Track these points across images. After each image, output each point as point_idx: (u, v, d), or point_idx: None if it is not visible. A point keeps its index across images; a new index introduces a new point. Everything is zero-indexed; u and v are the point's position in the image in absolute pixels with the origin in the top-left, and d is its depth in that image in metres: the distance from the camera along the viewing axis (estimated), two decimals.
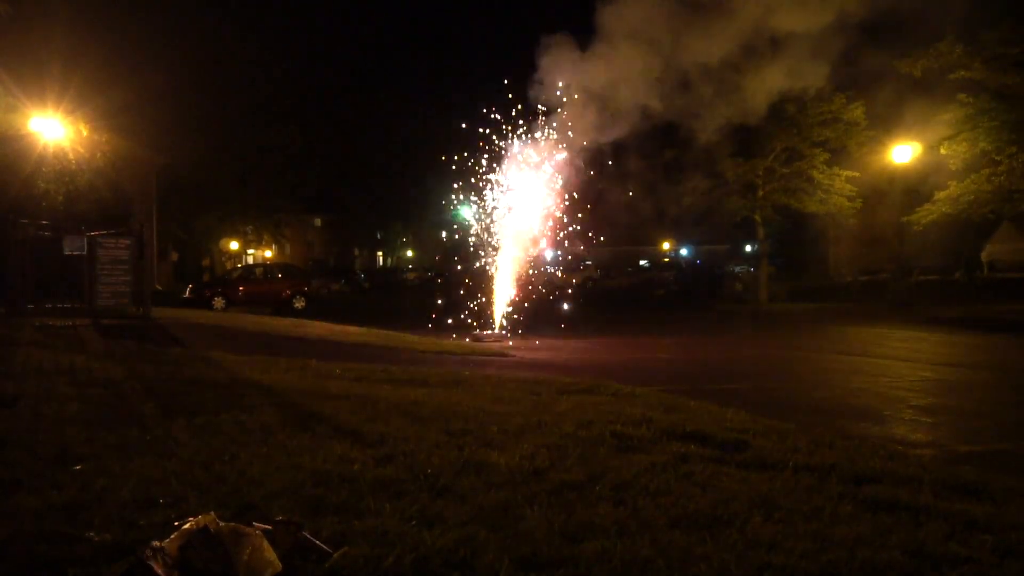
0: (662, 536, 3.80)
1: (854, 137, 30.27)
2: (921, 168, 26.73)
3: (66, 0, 18.96)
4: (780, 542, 3.77)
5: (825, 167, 31.07)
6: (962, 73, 22.47)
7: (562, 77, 16.72)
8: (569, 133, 17.39)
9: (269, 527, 3.38)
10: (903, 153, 27.15)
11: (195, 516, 3.34)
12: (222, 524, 3.25)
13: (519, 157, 17.81)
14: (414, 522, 3.83)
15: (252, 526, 3.34)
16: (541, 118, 17.43)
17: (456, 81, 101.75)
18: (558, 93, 17.05)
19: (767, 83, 19.76)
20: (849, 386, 11.04)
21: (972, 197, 23.49)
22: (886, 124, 27.95)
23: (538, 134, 17.62)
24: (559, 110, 17.27)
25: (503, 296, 18.52)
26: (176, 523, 3.39)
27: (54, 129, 19.55)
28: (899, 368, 12.85)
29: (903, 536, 3.95)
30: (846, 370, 12.91)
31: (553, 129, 17.51)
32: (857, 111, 29.48)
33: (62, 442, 5.12)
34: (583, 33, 17.41)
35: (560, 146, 17.61)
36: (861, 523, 4.12)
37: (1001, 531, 4.09)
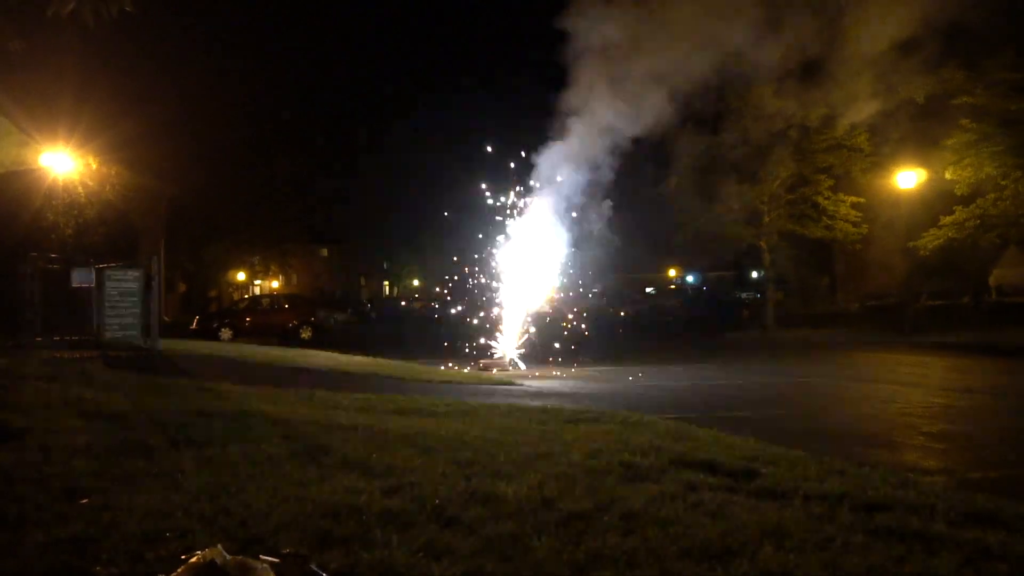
0: (672, 566, 3.77)
1: (858, 163, 30.37)
2: (927, 193, 26.76)
3: (77, 36, 19.25)
4: (791, 572, 3.73)
5: (830, 193, 31.16)
6: (965, 99, 22.58)
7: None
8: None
9: (276, 560, 3.36)
10: (908, 179, 27.19)
11: (202, 549, 3.33)
12: (229, 557, 3.23)
13: (532, 189, 17.96)
14: (422, 554, 3.80)
15: (259, 559, 3.32)
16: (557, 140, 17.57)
17: (466, 111, 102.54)
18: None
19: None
20: (859, 412, 10.97)
21: (978, 222, 23.50)
22: (891, 149, 28.04)
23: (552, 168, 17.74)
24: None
25: (510, 325, 18.52)
26: (183, 556, 3.38)
27: (64, 163, 19.77)
28: (909, 394, 12.77)
29: (916, 565, 3.91)
30: (855, 396, 12.84)
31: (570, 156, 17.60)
32: (860, 137, 29.60)
33: (69, 475, 5.11)
34: None
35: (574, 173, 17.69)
36: (873, 552, 4.08)
37: (1016, 559, 4.05)
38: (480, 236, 18.63)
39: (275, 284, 55.81)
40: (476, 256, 18.82)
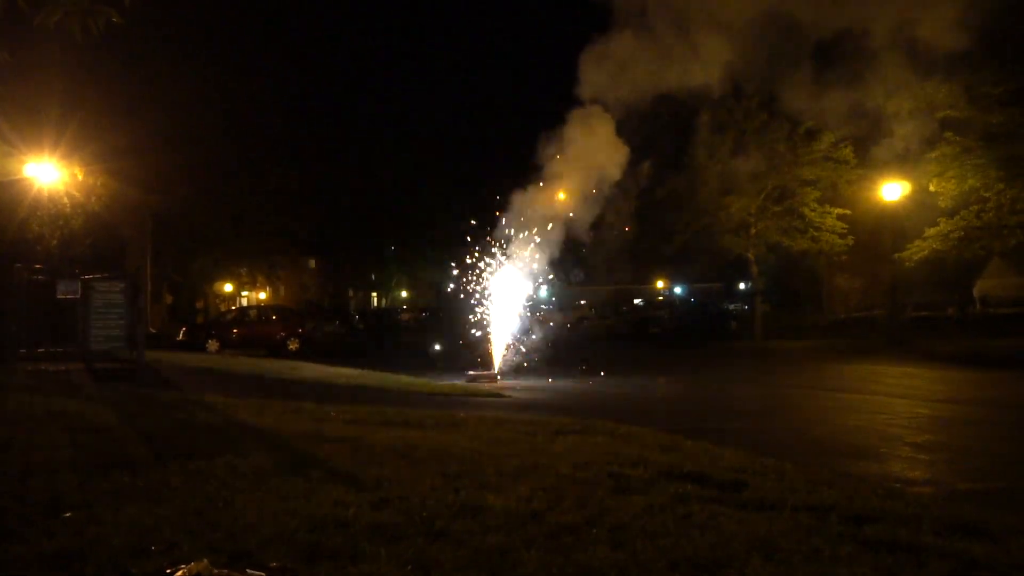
0: None
1: (844, 175, 30.59)
2: (912, 205, 26.98)
3: (63, 46, 19.21)
4: None
5: (816, 205, 31.36)
6: (948, 112, 22.81)
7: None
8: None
9: (263, 574, 3.34)
10: (893, 191, 27.41)
11: (188, 563, 3.31)
12: (216, 571, 3.21)
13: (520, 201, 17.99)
14: (410, 567, 3.78)
15: (246, 573, 3.30)
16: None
17: (456, 120, 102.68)
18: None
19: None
20: (846, 424, 11.01)
21: (962, 233, 23.68)
22: (875, 161, 28.28)
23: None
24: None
25: (499, 337, 18.51)
26: (169, 571, 3.35)
27: (49, 173, 19.63)
28: (895, 405, 12.83)
29: None
30: (842, 408, 12.89)
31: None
32: (846, 150, 29.84)
33: (53, 489, 5.06)
34: None
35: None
36: (862, 564, 4.09)
37: (1002, 570, 4.07)
38: (469, 250, 18.64)
39: (263, 295, 55.54)
40: (467, 268, 18.83)
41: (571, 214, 18.33)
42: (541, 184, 18.14)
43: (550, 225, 18.10)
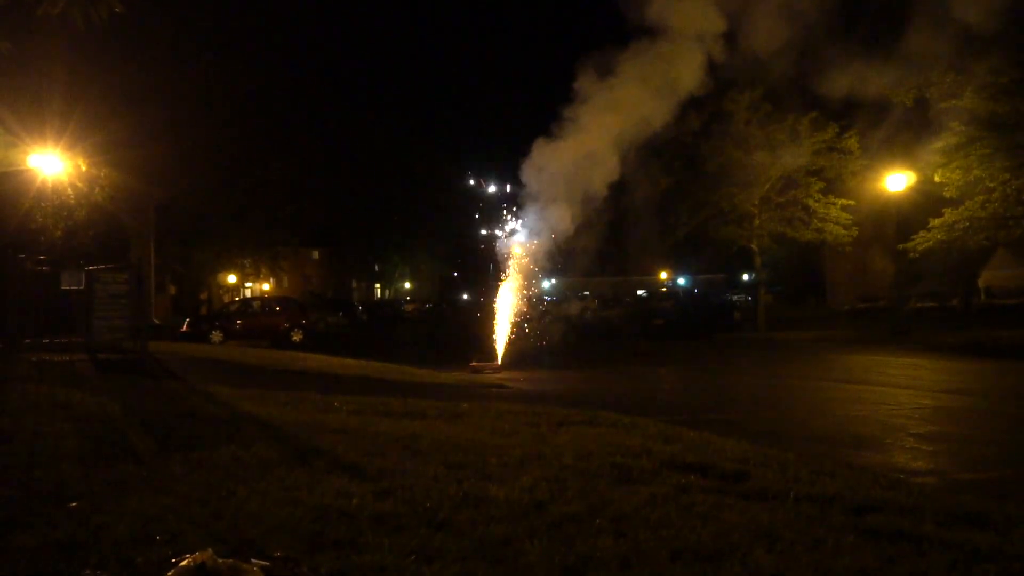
0: (663, 569, 3.77)
1: (848, 166, 30.49)
2: (916, 196, 26.91)
3: (66, 37, 19.17)
4: (782, 574, 3.74)
5: (820, 196, 31.26)
6: (953, 102, 22.70)
7: None
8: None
9: (267, 563, 3.35)
10: (897, 181, 27.33)
11: (193, 553, 3.32)
12: (220, 561, 3.22)
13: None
14: (413, 557, 3.80)
15: (250, 562, 3.31)
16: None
17: (459, 114, 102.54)
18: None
19: None
20: (849, 414, 11.01)
21: (967, 224, 23.59)
22: (880, 152, 28.19)
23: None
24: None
25: (501, 328, 18.52)
26: (174, 560, 3.36)
27: (53, 164, 19.63)
28: (898, 396, 12.81)
29: (906, 567, 3.92)
30: (845, 398, 12.88)
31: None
32: (851, 140, 29.74)
33: (58, 479, 5.08)
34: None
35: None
36: (864, 554, 4.09)
37: (1005, 560, 4.07)
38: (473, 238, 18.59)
39: (266, 286, 55.62)
40: (470, 258, 18.80)
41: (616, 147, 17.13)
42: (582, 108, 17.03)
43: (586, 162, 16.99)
